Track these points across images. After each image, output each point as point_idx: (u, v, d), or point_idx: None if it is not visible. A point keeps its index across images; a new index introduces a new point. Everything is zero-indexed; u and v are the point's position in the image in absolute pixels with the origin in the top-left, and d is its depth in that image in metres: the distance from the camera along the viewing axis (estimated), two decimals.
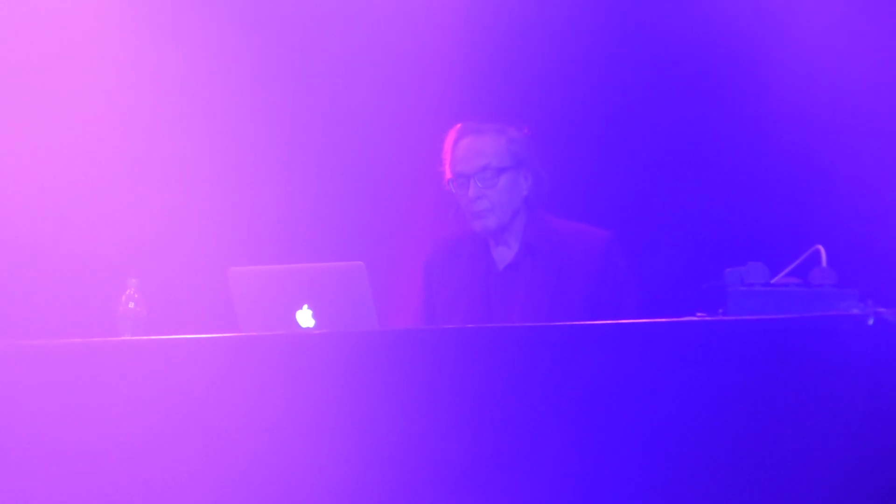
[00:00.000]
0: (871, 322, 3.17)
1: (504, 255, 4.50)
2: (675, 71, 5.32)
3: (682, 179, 5.31)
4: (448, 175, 4.49)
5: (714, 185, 5.28)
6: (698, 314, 3.41)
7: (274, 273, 3.93)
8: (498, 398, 3.37)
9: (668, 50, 5.32)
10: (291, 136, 5.60)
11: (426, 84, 5.51)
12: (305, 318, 3.81)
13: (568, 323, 3.74)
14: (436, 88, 5.48)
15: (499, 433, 3.37)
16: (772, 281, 3.43)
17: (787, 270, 3.47)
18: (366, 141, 5.59)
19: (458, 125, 4.53)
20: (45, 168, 5.51)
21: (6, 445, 3.64)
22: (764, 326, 3.25)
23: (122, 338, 3.95)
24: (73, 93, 5.52)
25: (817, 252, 3.46)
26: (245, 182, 5.56)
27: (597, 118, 5.41)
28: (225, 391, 3.52)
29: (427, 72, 5.52)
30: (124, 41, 5.54)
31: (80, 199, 5.48)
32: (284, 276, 3.90)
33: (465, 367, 3.40)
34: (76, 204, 5.48)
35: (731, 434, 3.23)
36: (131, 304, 4.02)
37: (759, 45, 5.21)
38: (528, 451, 3.34)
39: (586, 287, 4.36)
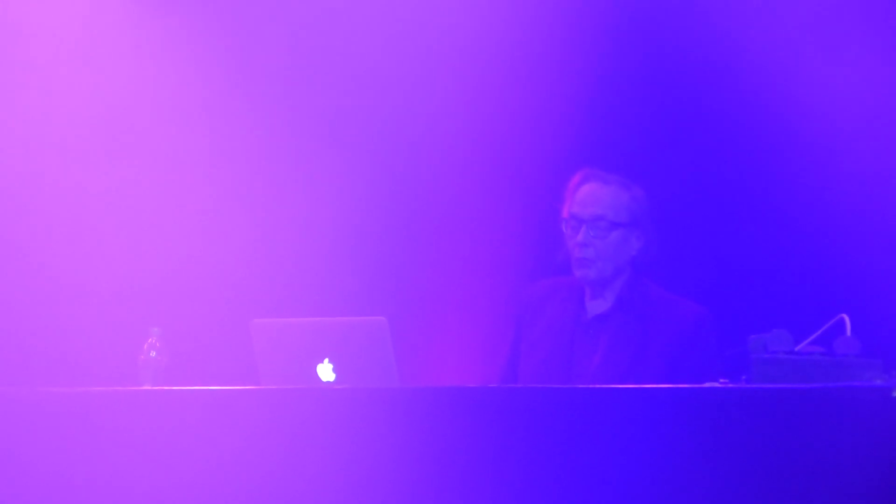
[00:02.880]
0: (895, 394, 3.15)
1: (598, 307, 4.46)
2: (704, 134, 5.32)
3: (706, 246, 5.29)
4: (564, 215, 4.48)
5: (738, 251, 5.27)
6: (721, 381, 3.40)
7: (296, 326, 3.93)
8: (519, 458, 3.36)
9: (706, 113, 5.31)
10: (319, 190, 5.61)
11: (463, 135, 5.50)
12: (326, 371, 3.81)
13: (582, 386, 3.74)
14: (477, 145, 5.47)
15: (518, 492, 3.35)
16: (795, 349, 3.41)
17: (811, 339, 3.46)
18: (392, 198, 5.59)
19: (586, 169, 4.51)
20: (70, 215, 5.52)
21: (26, 492, 3.63)
22: (786, 396, 3.24)
23: (143, 387, 3.95)
24: (100, 135, 5.55)
25: (842, 321, 3.44)
26: (270, 234, 5.56)
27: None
28: (244, 444, 3.51)
29: (459, 129, 5.53)
30: (151, 79, 5.57)
31: (105, 248, 5.50)
32: (306, 330, 3.91)
33: (487, 426, 3.39)
34: (100, 252, 5.49)
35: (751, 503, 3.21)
36: (153, 353, 4.02)
37: (790, 105, 5.20)
38: None
39: (668, 354, 4.31)
